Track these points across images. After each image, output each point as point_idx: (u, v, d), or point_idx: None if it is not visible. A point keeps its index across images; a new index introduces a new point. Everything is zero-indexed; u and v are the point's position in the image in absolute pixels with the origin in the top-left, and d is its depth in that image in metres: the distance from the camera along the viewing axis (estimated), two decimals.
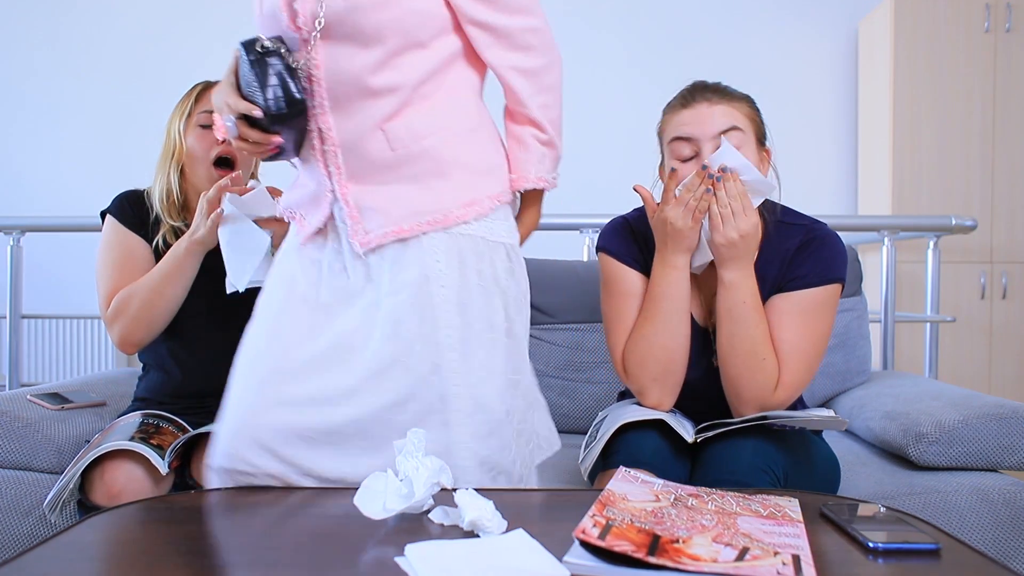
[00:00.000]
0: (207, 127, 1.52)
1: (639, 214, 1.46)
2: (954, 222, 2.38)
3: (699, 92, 1.33)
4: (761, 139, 1.35)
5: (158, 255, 1.53)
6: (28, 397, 1.61)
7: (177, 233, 1.54)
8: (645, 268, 1.40)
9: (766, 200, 1.35)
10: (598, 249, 1.48)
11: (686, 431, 1.30)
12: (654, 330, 1.34)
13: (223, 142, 1.48)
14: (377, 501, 0.95)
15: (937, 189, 3.46)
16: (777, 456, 1.25)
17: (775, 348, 1.31)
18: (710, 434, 1.28)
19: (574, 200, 3.82)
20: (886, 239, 2.36)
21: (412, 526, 0.94)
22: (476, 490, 0.93)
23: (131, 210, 1.56)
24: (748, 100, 1.36)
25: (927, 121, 3.47)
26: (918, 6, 3.46)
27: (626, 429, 1.33)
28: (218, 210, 1.40)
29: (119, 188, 1.63)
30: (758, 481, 1.19)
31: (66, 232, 3.09)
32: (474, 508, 0.89)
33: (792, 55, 3.87)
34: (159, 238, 1.54)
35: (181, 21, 3.89)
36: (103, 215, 1.58)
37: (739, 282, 1.29)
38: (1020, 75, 3.46)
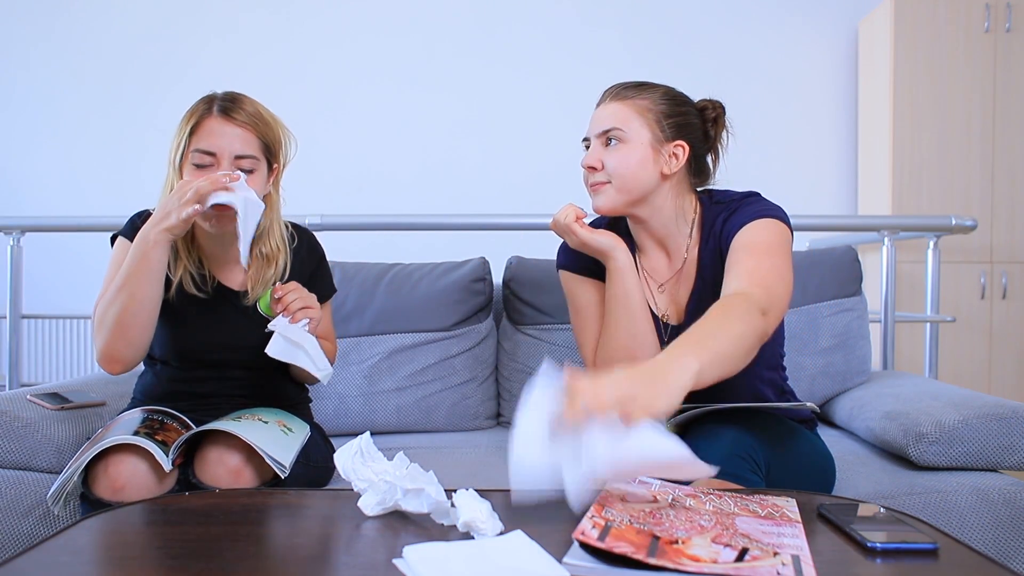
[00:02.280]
0: (202, 167, 1.38)
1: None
2: (954, 222, 2.38)
3: (606, 94, 1.40)
4: (662, 134, 1.35)
5: (171, 294, 1.45)
6: (28, 397, 1.61)
7: (193, 278, 1.47)
8: (602, 277, 1.44)
9: (706, 189, 1.44)
10: (557, 268, 1.55)
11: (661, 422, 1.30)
12: (613, 333, 1.39)
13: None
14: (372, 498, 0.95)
15: (937, 189, 3.46)
16: (757, 445, 1.25)
17: (745, 285, 1.21)
18: (680, 418, 1.29)
19: (575, 200, 3.82)
20: (886, 239, 2.36)
21: (411, 527, 0.94)
22: (476, 491, 0.93)
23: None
24: (653, 95, 1.37)
25: (927, 121, 3.47)
26: (918, 6, 3.46)
27: None
28: (195, 208, 1.30)
29: (118, 187, 1.61)
30: (738, 468, 1.19)
31: (66, 232, 3.10)
32: (469, 509, 0.89)
33: (792, 55, 3.87)
34: (174, 286, 1.45)
35: (179, 19, 3.89)
36: (113, 238, 1.51)
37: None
38: (1020, 75, 3.46)
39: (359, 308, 1.99)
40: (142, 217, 1.51)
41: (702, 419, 1.31)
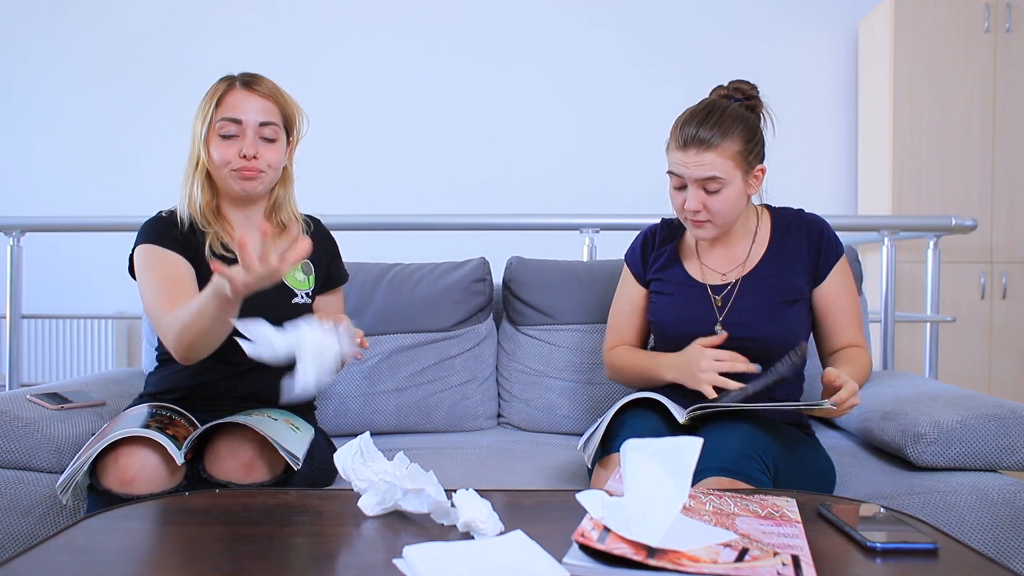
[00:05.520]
0: (229, 137, 1.45)
1: (664, 225, 1.65)
2: (954, 222, 2.38)
3: (694, 137, 1.41)
4: (749, 167, 1.44)
5: (205, 268, 1.47)
6: (28, 397, 1.61)
7: (221, 241, 1.50)
8: (644, 281, 1.63)
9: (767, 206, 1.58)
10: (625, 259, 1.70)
11: (679, 413, 1.35)
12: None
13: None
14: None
15: (937, 189, 3.46)
16: (768, 446, 1.28)
17: (857, 337, 1.51)
18: (699, 412, 1.32)
19: (575, 200, 3.83)
20: (886, 239, 2.36)
21: (411, 527, 0.94)
22: (476, 491, 0.93)
23: (161, 229, 1.49)
24: (740, 135, 1.42)
25: (927, 121, 3.47)
26: (918, 6, 3.46)
27: (624, 411, 1.39)
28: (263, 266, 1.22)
29: (119, 187, 1.62)
30: (748, 468, 1.22)
31: (66, 232, 3.10)
32: (470, 509, 0.89)
33: (792, 55, 3.87)
34: (207, 248, 1.48)
35: (177, 17, 3.89)
36: (132, 251, 1.51)
37: None
38: (1020, 75, 3.46)
39: (359, 308, 1.99)
40: (153, 222, 1.52)
41: (715, 417, 1.34)
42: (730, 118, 1.42)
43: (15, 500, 1.49)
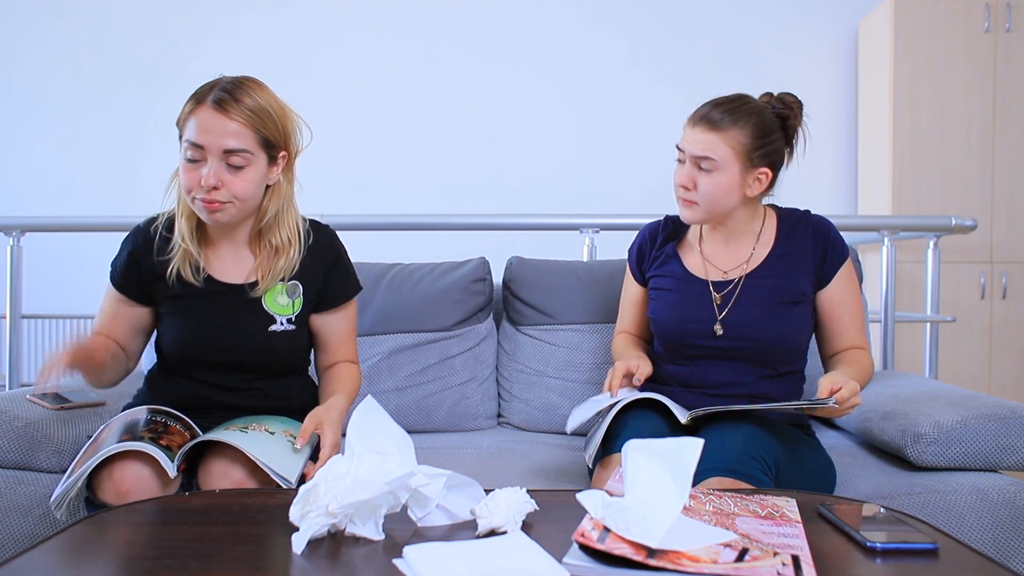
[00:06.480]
0: (193, 161, 1.34)
1: (668, 222, 1.65)
2: (954, 222, 2.38)
3: (704, 116, 1.44)
4: (751, 164, 1.44)
5: (168, 289, 1.45)
6: (28, 397, 1.61)
7: (192, 265, 1.43)
8: (642, 280, 1.65)
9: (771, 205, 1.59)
10: (628, 258, 1.71)
11: (681, 413, 1.35)
12: None
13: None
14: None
15: (937, 189, 3.46)
16: (769, 446, 1.29)
17: (860, 339, 1.50)
18: (701, 413, 1.32)
19: (575, 200, 3.83)
20: (886, 239, 2.36)
21: (410, 528, 0.94)
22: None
23: (127, 271, 1.46)
24: (750, 129, 1.43)
25: (927, 121, 3.47)
26: (918, 6, 3.46)
27: (626, 411, 1.38)
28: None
29: (119, 187, 1.61)
30: (749, 468, 1.22)
31: (66, 232, 3.10)
32: (506, 509, 0.91)
33: (792, 55, 3.87)
34: (173, 273, 1.43)
35: (177, 17, 3.89)
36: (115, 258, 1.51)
37: None
38: (1020, 75, 3.46)
39: (359, 308, 1.98)
40: (128, 255, 1.48)
41: (717, 417, 1.34)
42: (746, 110, 1.43)
43: (15, 500, 1.49)
